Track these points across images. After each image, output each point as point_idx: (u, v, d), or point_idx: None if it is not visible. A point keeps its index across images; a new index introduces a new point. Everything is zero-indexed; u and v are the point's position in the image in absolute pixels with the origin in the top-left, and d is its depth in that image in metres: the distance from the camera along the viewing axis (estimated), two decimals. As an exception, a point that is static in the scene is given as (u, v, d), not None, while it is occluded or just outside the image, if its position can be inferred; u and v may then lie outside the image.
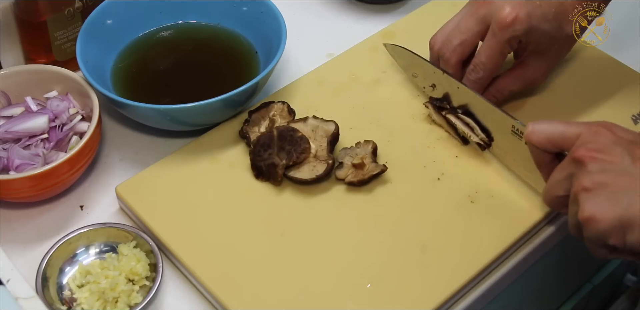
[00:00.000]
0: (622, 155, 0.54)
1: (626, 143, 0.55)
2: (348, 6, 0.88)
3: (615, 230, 0.53)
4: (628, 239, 0.52)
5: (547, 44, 0.67)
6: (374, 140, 0.69)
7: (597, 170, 0.54)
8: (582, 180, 0.54)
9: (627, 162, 0.53)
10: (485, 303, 0.66)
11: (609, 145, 0.55)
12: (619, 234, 0.53)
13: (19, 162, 0.66)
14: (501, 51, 0.66)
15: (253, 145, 0.68)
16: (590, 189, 0.53)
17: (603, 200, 0.53)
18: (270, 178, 0.67)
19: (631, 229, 0.52)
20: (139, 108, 0.67)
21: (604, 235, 0.53)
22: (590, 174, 0.54)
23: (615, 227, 0.52)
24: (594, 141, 0.55)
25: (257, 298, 0.61)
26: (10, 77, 0.70)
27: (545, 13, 0.64)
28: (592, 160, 0.54)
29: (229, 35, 0.78)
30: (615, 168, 0.53)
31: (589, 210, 0.53)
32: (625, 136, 0.56)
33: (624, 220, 0.52)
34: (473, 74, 0.68)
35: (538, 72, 0.70)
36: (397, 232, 0.64)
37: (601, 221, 0.53)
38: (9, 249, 0.66)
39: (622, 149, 0.54)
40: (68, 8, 0.74)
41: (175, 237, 0.64)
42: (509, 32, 0.64)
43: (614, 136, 0.55)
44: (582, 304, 1.14)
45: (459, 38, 0.67)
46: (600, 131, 0.56)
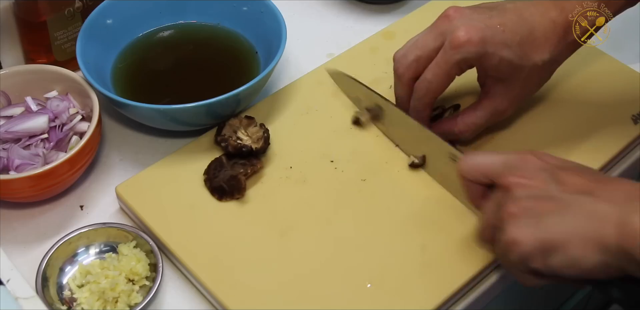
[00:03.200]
0: (547, 181, 0.54)
1: (552, 168, 0.55)
2: (348, 6, 0.88)
3: (537, 253, 0.53)
4: (549, 262, 0.53)
5: (509, 71, 0.63)
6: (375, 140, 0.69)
7: (523, 195, 0.54)
8: (508, 206, 0.54)
9: (553, 187, 0.54)
10: (485, 303, 0.66)
11: (535, 171, 0.55)
12: (540, 257, 0.53)
13: (19, 162, 0.66)
14: (448, 72, 0.63)
15: (206, 172, 0.67)
16: (515, 214, 0.54)
17: (526, 224, 0.53)
18: (234, 192, 0.65)
19: (552, 251, 0.52)
20: (139, 108, 0.67)
21: (526, 259, 0.53)
22: (515, 200, 0.54)
23: (537, 249, 0.53)
24: (520, 168, 0.56)
25: (257, 298, 0.61)
26: (10, 77, 0.70)
27: (507, 39, 0.62)
28: (518, 186, 0.55)
29: (229, 35, 0.78)
30: (540, 193, 0.54)
31: (511, 234, 0.53)
32: (552, 161, 0.56)
33: (545, 242, 0.52)
34: (416, 92, 0.66)
35: (505, 103, 0.66)
36: (397, 232, 0.64)
37: (523, 244, 0.53)
38: (9, 249, 0.66)
39: (548, 174, 0.55)
40: (68, 8, 0.74)
41: (175, 237, 0.64)
42: (459, 53, 0.62)
43: (540, 162, 0.56)
44: (582, 304, 1.14)
45: (414, 54, 0.65)
46: (527, 158, 0.56)
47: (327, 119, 0.73)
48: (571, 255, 0.52)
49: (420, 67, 0.65)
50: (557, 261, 0.52)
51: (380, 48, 0.79)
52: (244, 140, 0.68)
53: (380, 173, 0.69)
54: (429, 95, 0.65)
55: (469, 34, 0.61)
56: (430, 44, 0.64)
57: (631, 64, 0.78)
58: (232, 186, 0.65)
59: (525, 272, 0.55)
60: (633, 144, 0.72)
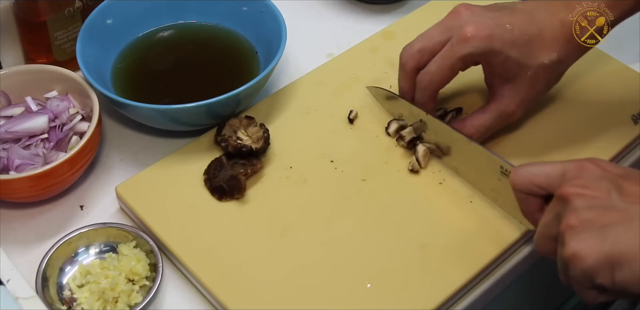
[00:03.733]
0: (608, 190, 0.51)
1: (613, 177, 0.52)
2: (348, 6, 0.88)
3: (602, 268, 0.49)
4: (617, 277, 0.49)
5: (516, 70, 0.63)
6: (375, 140, 0.69)
7: (583, 206, 0.51)
8: (568, 218, 0.51)
9: (615, 196, 0.51)
10: (485, 303, 0.66)
11: (595, 180, 0.52)
12: (606, 272, 0.49)
13: (19, 162, 0.66)
14: (452, 65, 0.63)
15: (206, 173, 0.67)
16: (576, 226, 0.51)
17: (588, 237, 0.50)
18: (234, 192, 0.65)
19: (619, 266, 0.48)
20: (139, 108, 0.67)
21: (590, 274, 0.50)
22: (576, 211, 0.51)
23: (602, 264, 0.49)
24: (579, 177, 0.53)
25: (257, 298, 0.61)
26: (10, 77, 0.70)
27: (515, 38, 0.62)
28: (578, 196, 0.51)
29: (229, 35, 0.78)
30: (602, 203, 0.51)
31: (573, 247, 0.50)
32: (612, 170, 0.53)
33: (612, 256, 0.49)
34: (418, 83, 0.66)
35: (512, 104, 0.65)
36: (397, 232, 0.64)
37: (586, 258, 0.49)
38: (9, 249, 0.66)
39: (609, 184, 0.52)
40: (68, 8, 0.74)
41: (175, 237, 0.64)
42: (465, 47, 0.62)
43: (600, 170, 0.53)
44: (582, 304, 1.14)
45: (419, 44, 0.65)
46: (585, 166, 0.53)
47: (327, 119, 0.73)
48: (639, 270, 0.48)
49: (424, 58, 0.65)
50: (625, 276, 0.48)
51: (380, 48, 0.79)
52: (244, 140, 0.68)
53: (380, 173, 0.69)
54: (431, 87, 0.65)
55: (477, 29, 0.61)
56: (436, 37, 0.64)
57: (631, 64, 0.78)
58: (232, 186, 0.65)
59: (589, 288, 0.51)
60: (633, 144, 0.72)
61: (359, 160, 0.69)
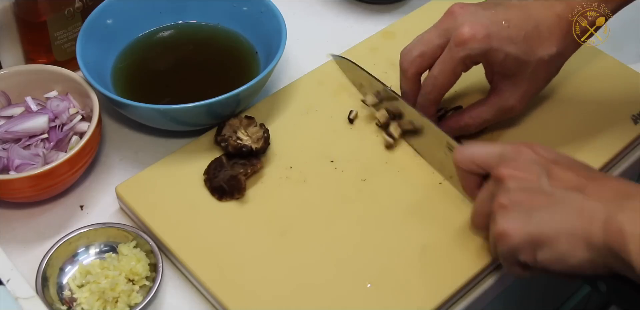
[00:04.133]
0: (539, 174, 0.55)
1: (546, 162, 0.56)
2: (348, 6, 0.88)
3: (526, 247, 0.54)
4: (539, 256, 0.54)
5: (515, 67, 0.64)
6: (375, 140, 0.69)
7: (515, 188, 0.55)
8: (500, 198, 0.56)
9: (544, 180, 0.55)
10: (485, 303, 0.66)
11: (528, 163, 0.56)
12: (529, 251, 0.54)
13: (19, 162, 0.66)
14: (454, 68, 0.63)
15: (206, 173, 0.67)
16: (507, 206, 0.55)
17: (516, 217, 0.54)
18: (234, 192, 0.65)
19: (541, 246, 0.53)
20: (139, 108, 0.67)
21: (515, 251, 0.55)
22: (507, 192, 0.55)
23: (526, 243, 0.54)
24: (514, 159, 0.57)
25: (257, 298, 0.61)
26: (10, 77, 0.70)
27: (513, 35, 0.62)
28: (511, 178, 0.56)
29: (229, 35, 0.78)
30: (531, 186, 0.55)
31: (501, 226, 0.55)
32: (545, 155, 0.57)
33: (535, 237, 0.53)
34: (423, 88, 0.66)
35: (512, 99, 0.66)
36: (397, 232, 0.64)
37: (512, 236, 0.54)
38: (9, 248, 0.66)
39: (541, 168, 0.55)
40: (68, 8, 0.74)
41: (175, 237, 0.64)
42: (464, 50, 0.62)
43: (534, 155, 0.57)
44: (582, 304, 1.14)
45: (418, 49, 0.65)
46: (521, 150, 0.57)
47: (327, 119, 0.73)
48: (559, 251, 0.53)
49: (425, 62, 0.65)
50: (546, 256, 0.53)
51: (380, 48, 0.79)
52: (244, 140, 0.68)
53: (380, 173, 0.69)
54: (436, 91, 0.66)
55: (473, 30, 0.61)
56: (434, 40, 0.64)
57: (631, 64, 0.78)
58: (232, 186, 0.65)
59: (514, 264, 0.56)
60: (633, 144, 0.72)
61: (359, 160, 0.69)
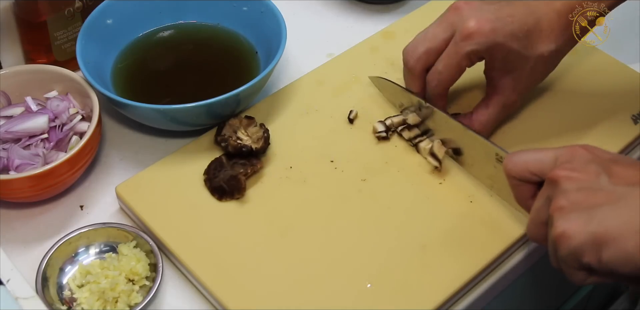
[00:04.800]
0: (597, 173, 0.52)
1: (603, 161, 0.53)
2: (348, 6, 0.88)
3: (589, 247, 0.50)
4: (603, 256, 0.49)
5: (517, 62, 0.64)
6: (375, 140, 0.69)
7: (573, 188, 0.52)
8: (557, 200, 0.52)
9: (604, 179, 0.52)
10: (485, 303, 0.66)
11: (584, 163, 0.53)
12: (592, 251, 0.50)
13: (19, 162, 0.66)
14: (459, 63, 0.63)
15: (206, 173, 0.67)
16: (565, 208, 0.52)
17: (576, 217, 0.51)
18: (234, 192, 0.65)
19: (606, 245, 0.49)
20: (139, 108, 0.67)
21: (578, 253, 0.51)
22: (565, 193, 0.52)
23: (588, 243, 0.50)
24: (569, 161, 0.54)
25: (257, 298, 0.61)
26: (10, 77, 0.70)
27: (516, 30, 0.62)
28: (567, 179, 0.53)
29: (229, 35, 0.78)
30: (590, 185, 0.52)
31: (560, 227, 0.51)
32: (602, 155, 0.54)
33: (598, 235, 0.49)
34: (428, 83, 0.66)
35: (514, 95, 0.66)
36: (397, 232, 0.64)
37: (573, 237, 0.50)
38: (9, 249, 0.66)
39: (598, 167, 0.53)
40: (68, 8, 0.74)
41: (175, 237, 0.64)
42: (470, 44, 0.62)
43: (590, 155, 0.54)
44: (582, 304, 1.14)
45: (424, 45, 0.65)
46: (576, 151, 0.55)
47: (327, 119, 0.73)
48: (626, 250, 0.49)
49: (431, 58, 0.65)
50: (611, 255, 0.49)
51: (380, 48, 0.79)
52: (244, 140, 0.68)
53: (380, 173, 0.69)
54: (441, 86, 0.66)
55: (479, 24, 0.61)
56: (440, 36, 0.64)
57: (631, 64, 0.78)
58: (232, 186, 0.65)
59: (576, 268, 0.52)
60: (633, 144, 0.72)
61: (359, 160, 0.69)
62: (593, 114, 0.73)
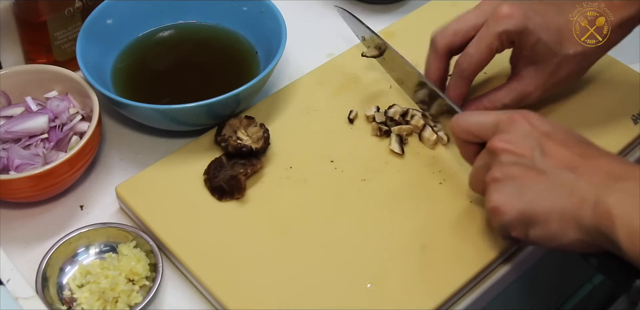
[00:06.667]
0: (532, 149, 0.55)
1: (539, 135, 0.56)
2: (348, 6, 0.88)
3: (518, 224, 0.55)
4: (530, 234, 0.55)
5: (543, 54, 0.65)
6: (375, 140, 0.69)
7: (508, 162, 0.56)
8: (493, 170, 0.56)
9: (537, 156, 0.55)
10: (485, 303, 0.66)
11: (522, 137, 0.56)
12: (521, 228, 0.55)
13: (19, 162, 0.66)
14: (490, 44, 0.65)
15: (206, 173, 0.67)
16: (499, 180, 0.56)
17: (509, 193, 0.55)
18: (234, 192, 0.65)
19: (533, 224, 0.54)
20: (139, 108, 0.67)
21: (508, 227, 0.56)
22: (501, 165, 0.56)
23: (518, 220, 0.55)
24: (508, 131, 0.57)
25: (257, 298, 0.61)
26: (10, 77, 0.70)
27: (548, 23, 0.64)
28: (504, 152, 0.56)
29: (229, 35, 0.78)
30: (525, 161, 0.55)
31: (494, 201, 0.56)
32: (540, 127, 0.56)
33: (526, 215, 0.54)
34: (457, 66, 0.67)
35: (532, 85, 0.67)
36: (397, 232, 0.64)
37: (505, 213, 0.55)
38: (9, 249, 0.66)
39: (535, 141, 0.56)
40: (68, 8, 0.74)
41: (175, 237, 0.64)
42: (502, 25, 0.63)
43: (528, 126, 0.56)
44: (582, 304, 1.14)
45: (454, 27, 0.67)
46: (516, 120, 0.57)
47: (327, 119, 0.73)
48: (550, 231, 0.54)
49: (457, 39, 0.67)
50: (537, 234, 0.55)
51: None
52: (244, 140, 0.68)
53: (380, 173, 0.69)
54: (471, 69, 0.66)
55: (512, 8, 0.63)
56: (471, 20, 0.66)
57: (631, 64, 0.78)
58: (232, 186, 0.65)
59: (508, 237, 0.58)
60: (633, 144, 0.72)
61: (359, 160, 0.69)
62: (593, 114, 0.73)
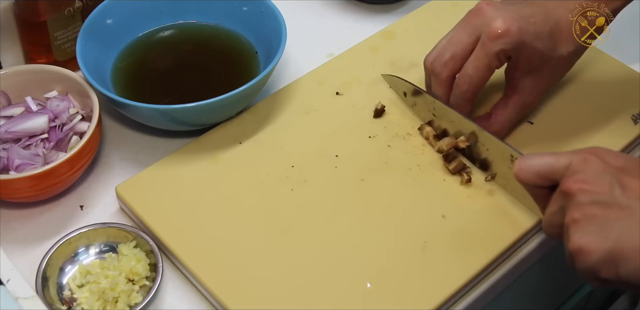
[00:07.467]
0: (610, 185, 0.52)
1: (615, 171, 0.53)
2: (348, 6, 0.88)
3: (606, 263, 0.51)
4: (621, 272, 0.51)
5: (539, 63, 0.64)
6: (375, 140, 0.69)
7: (586, 201, 0.53)
8: (572, 212, 0.53)
9: (617, 191, 0.52)
10: (485, 303, 0.66)
11: (597, 175, 0.53)
12: (610, 267, 0.51)
13: (19, 162, 0.66)
14: (489, 64, 0.63)
15: None
16: (580, 221, 0.52)
17: (592, 232, 0.52)
18: None
19: (623, 261, 0.50)
20: (139, 108, 0.67)
21: (595, 269, 0.52)
22: (579, 206, 0.53)
23: (606, 259, 0.51)
24: (582, 171, 0.54)
25: (257, 298, 0.61)
26: (10, 77, 0.70)
27: (539, 31, 0.62)
28: (581, 192, 0.53)
29: (229, 35, 0.78)
30: (604, 199, 0.52)
31: (577, 242, 0.52)
32: (614, 162, 0.54)
33: (615, 252, 0.51)
34: (457, 88, 0.66)
35: (532, 95, 0.67)
36: (397, 232, 0.64)
37: (590, 253, 0.51)
38: (9, 249, 0.66)
39: (611, 178, 0.53)
40: (68, 8, 0.74)
41: (175, 237, 0.64)
42: (499, 44, 0.62)
43: (602, 163, 0.54)
44: (582, 304, 1.14)
45: (450, 51, 0.65)
46: (588, 159, 0.54)
47: (327, 119, 0.73)
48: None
49: (457, 64, 0.65)
50: (628, 271, 0.51)
51: (380, 48, 0.79)
52: None
53: (380, 173, 0.69)
54: (471, 90, 0.65)
55: (507, 24, 0.61)
56: (464, 40, 0.64)
57: (631, 64, 0.78)
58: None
59: (594, 279, 0.53)
60: (633, 144, 0.72)
61: (359, 160, 0.69)
62: (593, 114, 0.73)
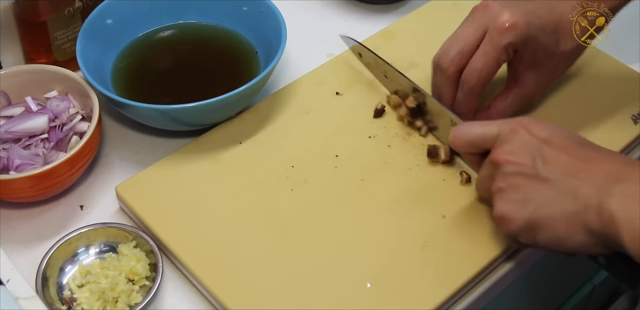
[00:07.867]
0: (533, 158, 0.56)
1: (539, 142, 0.57)
2: (348, 6, 0.88)
3: (525, 231, 0.56)
4: (538, 239, 0.56)
5: (543, 57, 0.65)
6: (375, 140, 0.69)
7: (511, 172, 0.57)
8: (497, 181, 0.58)
9: (539, 164, 0.56)
10: (485, 303, 0.66)
11: (522, 146, 0.57)
12: (528, 234, 0.56)
13: (19, 162, 0.66)
14: (497, 58, 0.64)
15: None
16: (504, 190, 0.57)
17: (514, 201, 0.56)
18: None
19: (540, 230, 0.56)
20: (139, 108, 0.67)
21: (515, 234, 0.57)
22: (504, 176, 0.57)
23: (525, 228, 0.56)
24: (508, 141, 0.58)
25: (257, 298, 0.61)
26: (10, 77, 0.70)
27: (545, 25, 0.63)
28: (506, 163, 0.57)
29: (229, 35, 0.78)
30: (527, 171, 0.56)
31: (500, 210, 0.57)
32: (539, 133, 0.57)
33: (532, 222, 0.56)
34: (465, 83, 0.66)
35: (533, 89, 0.68)
36: (397, 232, 0.64)
37: (511, 221, 0.57)
38: (9, 249, 0.66)
39: (536, 150, 0.57)
40: (68, 8, 0.74)
41: (175, 237, 0.64)
42: (507, 37, 0.62)
43: (528, 135, 0.57)
44: (582, 304, 1.14)
45: (456, 47, 0.65)
46: (516, 130, 0.58)
47: (327, 119, 0.73)
48: (558, 236, 0.55)
49: (464, 59, 0.66)
50: (545, 239, 0.56)
51: (380, 48, 0.79)
52: None
53: (380, 173, 0.69)
54: (479, 84, 0.66)
55: (514, 17, 0.62)
56: (471, 36, 0.65)
57: (631, 64, 0.78)
58: None
59: (516, 242, 0.59)
60: (633, 144, 0.72)
61: (359, 160, 0.69)
62: (593, 114, 0.73)
